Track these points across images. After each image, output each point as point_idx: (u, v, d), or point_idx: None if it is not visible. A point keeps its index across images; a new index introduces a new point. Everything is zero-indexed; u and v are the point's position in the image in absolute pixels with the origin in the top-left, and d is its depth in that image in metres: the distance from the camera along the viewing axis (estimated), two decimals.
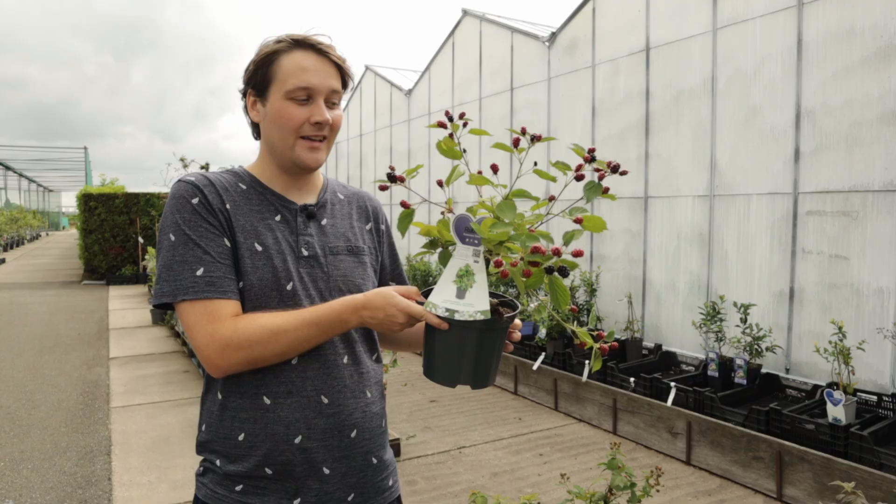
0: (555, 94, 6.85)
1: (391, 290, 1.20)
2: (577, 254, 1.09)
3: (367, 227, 1.46)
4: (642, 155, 5.73)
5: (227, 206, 1.27)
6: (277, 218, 1.31)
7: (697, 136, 5.24)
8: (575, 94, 6.55)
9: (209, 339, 1.18)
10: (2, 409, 5.11)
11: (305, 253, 1.30)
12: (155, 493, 3.64)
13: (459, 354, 1.15)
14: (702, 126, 5.20)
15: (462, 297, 1.12)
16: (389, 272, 1.53)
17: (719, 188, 5.08)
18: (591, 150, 1.15)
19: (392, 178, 1.25)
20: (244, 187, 1.32)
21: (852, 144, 4.19)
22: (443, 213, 1.23)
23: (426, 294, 1.22)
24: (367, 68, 11.70)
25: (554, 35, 6.78)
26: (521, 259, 1.08)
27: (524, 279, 1.08)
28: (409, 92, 10.15)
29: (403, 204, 1.28)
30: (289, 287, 1.27)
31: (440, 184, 1.25)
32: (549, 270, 1.07)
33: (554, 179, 1.21)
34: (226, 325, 1.18)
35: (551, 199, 1.19)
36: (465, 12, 8.60)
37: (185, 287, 1.20)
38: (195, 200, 1.24)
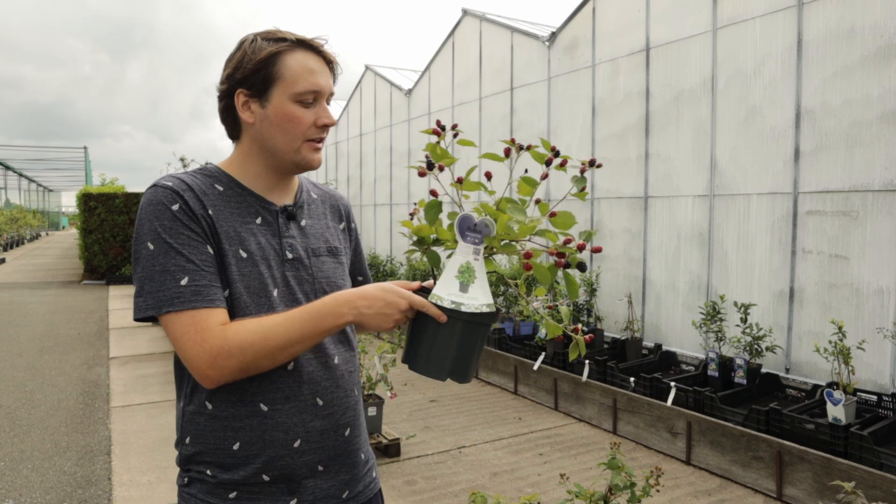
0: (555, 94, 6.85)
1: (389, 283, 1.20)
2: (596, 250, 1.21)
3: (341, 226, 1.46)
4: (642, 155, 5.73)
5: (210, 212, 1.22)
6: (258, 220, 1.28)
7: (697, 135, 5.24)
8: (575, 94, 6.55)
9: (198, 350, 1.12)
10: (2, 409, 5.11)
11: (290, 255, 1.29)
12: (155, 492, 3.64)
13: (451, 347, 1.19)
14: (702, 126, 5.20)
15: (465, 292, 1.18)
16: (359, 269, 1.54)
17: (719, 188, 5.08)
18: (554, 149, 1.25)
19: (430, 164, 1.28)
20: (221, 189, 1.26)
21: (852, 144, 4.19)
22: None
23: (422, 290, 1.25)
24: (367, 68, 11.70)
25: (554, 35, 6.78)
26: (552, 252, 1.19)
27: (556, 267, 1.19)
28: (409, 92, 10.15)
29: (433, 193, 1.31)
30: (275, 293, 1.25)
31: (460, 181, 1.28)
32: (566, 265, 1.18)
33: (534, 187, 1.28)
34: (214, 333, 1.13)
35: (537, 201, 1.28)
36: (465, 12, 8.60)
37: (170, 298, 1.13)
38: (175, 207, 1.17)
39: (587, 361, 4.98)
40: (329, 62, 1.29)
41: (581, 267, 1.18)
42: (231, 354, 1.13)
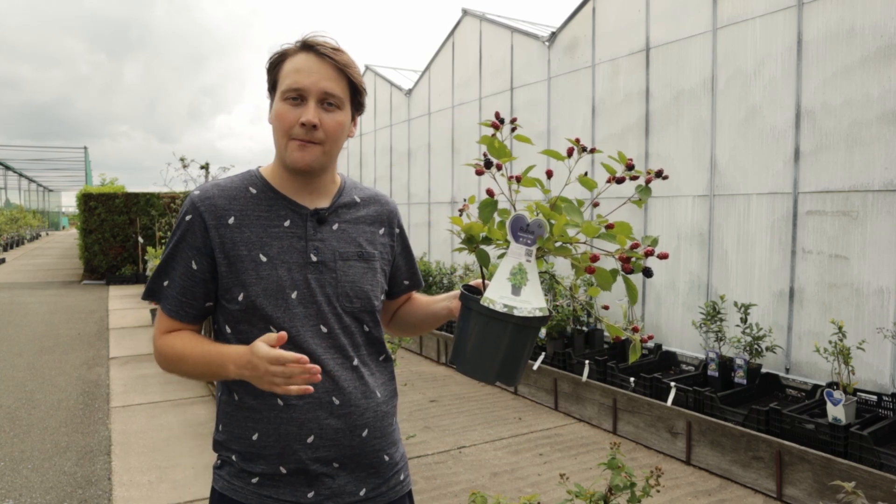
0: (555, 94, 6.85)
1: (256, 347, 1.17)
2: (663, 256, 1.18)
3: (381, 231, 1.44)
4: (642, 155, 5.73)
5: (230, 220, 1.29)
6: (287, 223, 1.31)
7: (697, 135, 5.24)
8: (575, 94, 6.55)
9: (154, 337, 1.37)
10: (2, 409, 5.11)
11: (314, 258, 1.31)
12: (155, 492, 3.64)
13: (501, 350, 1.18)
14: (702, 126, 5.20)
15: (518, 295, 1.17)
16: (405, 273, 1.54)
17: (719, 188, 5.08)
18: (630, 160, 1.25)
19: (488, 163, 1.27)
20: (255, 191, 1.33)
21: (852, 144, 4.19)
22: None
23: (468, 289, 1.26)
24: (367, 68, 11.70)
25: (554, 35, 6.78)
26: (620, 256, 1.16)
27: (620, 273, 1.17)
28: (409, 92, 10.15)
29: (489, 192, 1.29)
30: (294, 295, 1.29)
31: (518, 179, 1.27)
32: (630, 271, 1.16)
33: (594, 186, 1.27)
34: (159, 335, 1.35)
35: (595, 205, 1.28)
36: (465, 12, 8.60)
37: (156, 291, 1.35)
38: (188, 218, 1.31)
39: (587, 361, 4.98)
40: (338, 67, 1.28)
41: (647, 272, 1.14)
42: (158, 353, 1.35)
